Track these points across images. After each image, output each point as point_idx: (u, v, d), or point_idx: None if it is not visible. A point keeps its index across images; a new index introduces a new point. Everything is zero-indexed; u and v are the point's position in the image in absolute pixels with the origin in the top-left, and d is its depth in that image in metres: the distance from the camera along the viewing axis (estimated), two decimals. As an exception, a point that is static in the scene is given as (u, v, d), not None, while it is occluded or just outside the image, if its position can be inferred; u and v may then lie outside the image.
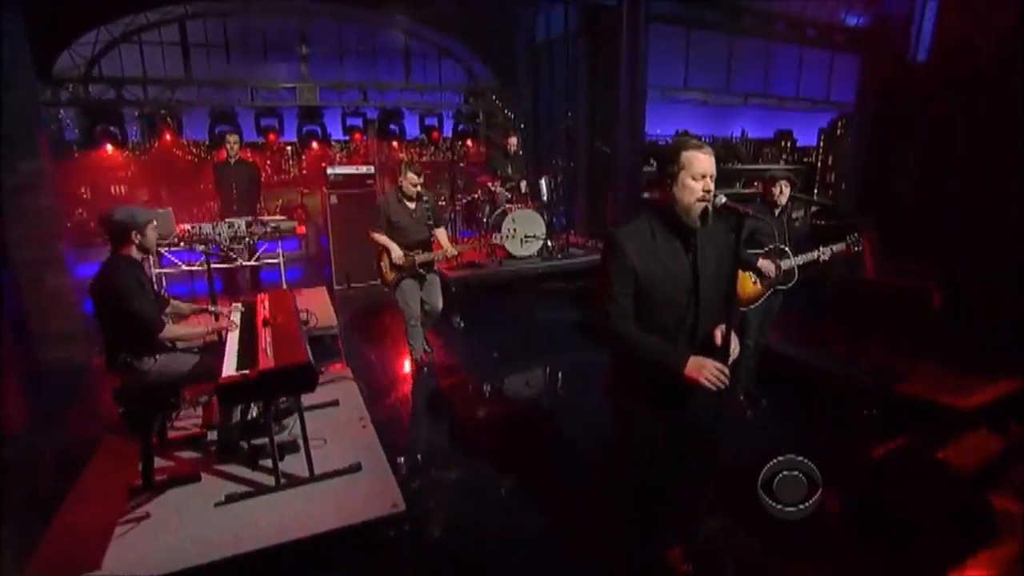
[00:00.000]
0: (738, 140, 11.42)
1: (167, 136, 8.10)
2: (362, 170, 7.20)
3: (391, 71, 9.50)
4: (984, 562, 2.30)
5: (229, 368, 2.72)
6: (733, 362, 1.93)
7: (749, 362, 3.87)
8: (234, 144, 6.27)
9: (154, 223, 3.04)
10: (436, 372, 4.81)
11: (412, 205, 4.41)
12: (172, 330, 3.02)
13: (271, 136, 8.55)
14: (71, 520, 2.66)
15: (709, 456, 2.29)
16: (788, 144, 11.98)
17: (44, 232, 4.65)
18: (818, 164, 11.77)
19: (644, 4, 7.30)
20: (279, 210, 8.59)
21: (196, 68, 8.29)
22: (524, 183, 6.85)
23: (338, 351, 4.89)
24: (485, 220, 6.69)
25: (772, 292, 3.68)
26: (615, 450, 2.25)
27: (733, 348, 1.93)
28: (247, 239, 5.55)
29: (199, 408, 3.61)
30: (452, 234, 6.87)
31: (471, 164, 9.16)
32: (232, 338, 3.12)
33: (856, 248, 3.59)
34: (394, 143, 9.44)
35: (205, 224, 5.44)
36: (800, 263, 3.60)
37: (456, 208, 7.32)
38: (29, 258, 4.59)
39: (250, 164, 6.65)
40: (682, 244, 1.92)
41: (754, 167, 11.01)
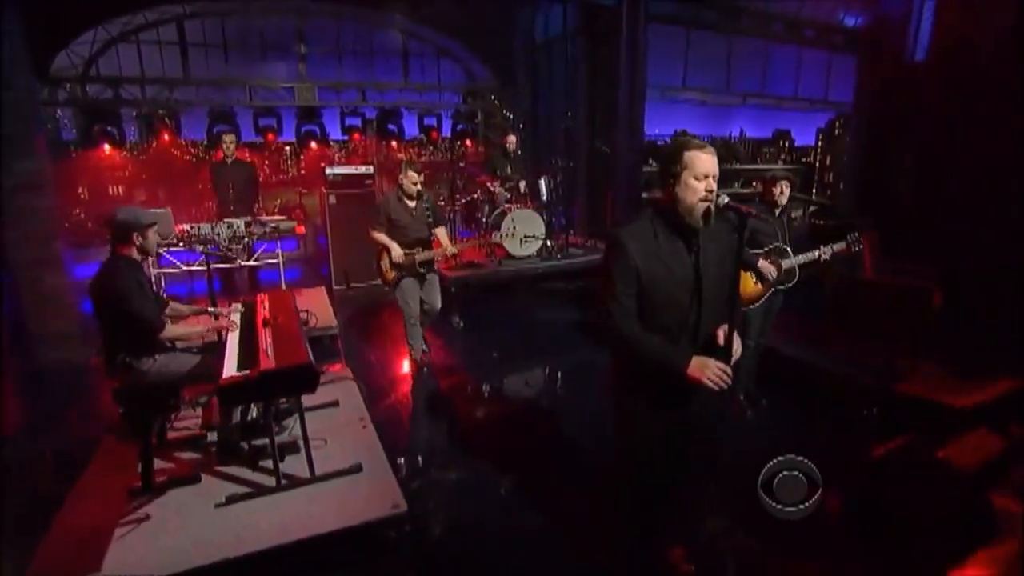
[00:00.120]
0: (736, 140, 11.43)
1: (165, 136, 8.06)
2: (361, 170, 7.18)
3: (390, 71, 9.48)
4: (984, 561, 2.30)
5: (230, 369, 2.71)
6: (735, 362, 1.93)
7: (749, 362, 3.87)
8: (230, 144, 6.23)
9: (156, 226, 3.04)
10: (436, 372, 4.81)
11: (412, 204, 4.41)
12: (172, 330, 3.02)
13: (269, 136, 8.52)
14: (71, 522, 2.65)
15: (710, 456, 2.30)
16: (786, 144, 11.98)
17: (42, 232, 4.64)
18: (816, 164, 11.78)
19: (643, 4, 7.29)
20: (277, 210, 8.54)
21: (194, 68, 8.27)
22: (523, 183, 6.83)
23: (337, 351, 4.88)
24: (484, 220, 6.69)
25: (773, 292, 3.69)
26: (615, 450, 2.26)
27: (736, 348, 1.94)
28: (246, 239, 5.54)
29: (198, 409, 3.60)
30: (451, 234, 6.86)
31: (470, 164, 9.14)
32: (232, 339, 3.11)
33: (856, 247, 3.60)
34: (393, 143, 9.42)
35: (204, 224, 5.41)
36: (801, 262, 3.60)
37: (455, 208, 7.30)
38: (27, 258, 4.58)
39: (247, 164, 6.60)
40: (684, 244, 1.91)
41: (752, 167, 11.04)
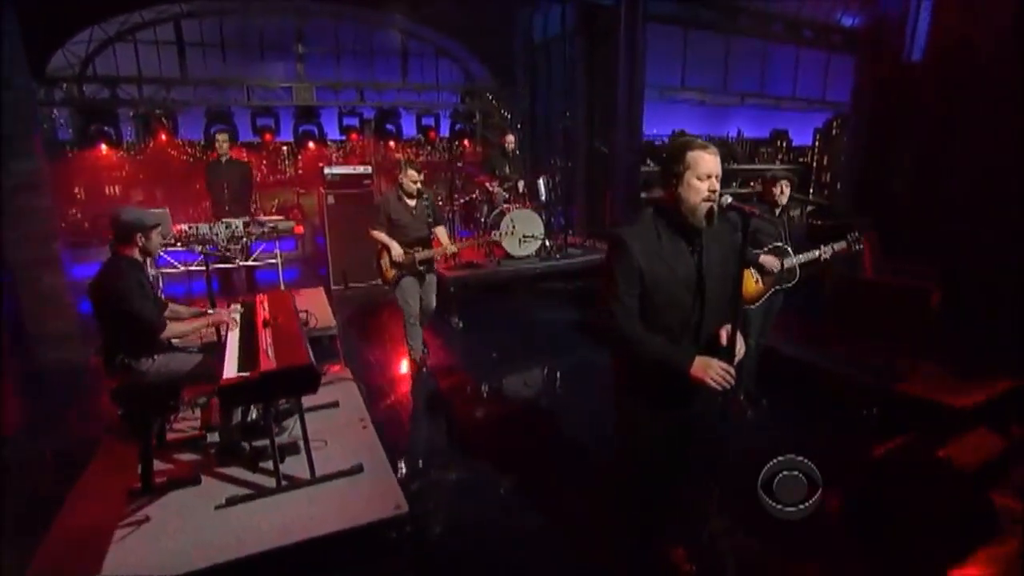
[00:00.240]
0: (734, 140, 11.45)
1: (162, 136, 8.03)
2: (359, 170, 7.16)
3: (388, 71, 9.47)
4: (984, 561, 2.30)
5: (230, 370, 2.70)
6: (737, 362, 1.93)
7: (750, 362, 3.87)
8: (223, 143, 6.14)
9: (160, 228, 3.03)
10: (435, 372, 4.80)
11: (412, 203, 4.40)
12: (172, 328, 3.00)
13: (267, 136, 8.50)
14: (71, 523, 2.64)
15: (711, 456, 2.29)
16: (784, 144, 12.01)
17: (41, 232, 4.63)
18: (813, 164, 11.80)
19: (642, 3, 7.30)
20: (275, 210, 8.53)
21: (192, 67, 8.25)
22: (522, 183, 6.83)
23: (337, 352, 4.87)
24: (483, 220, 6.69)
25: (773, 291, 3.69)
26: (616, 450, 2.26)
27: (739, 348, 1.93)
28: (244, 239, 5.52)
29: (198, 410, 3.59)
30: (450, 234, 6.85)
31: (468, 164, 9.13)
32: (232, 339, 3.10)
33: (857, 247, 3.61)
34: (391, 143, 9.42)
35: (202, 224, 5.38)
36: (802, 262, 3.61)
37: (454, 208, 7.29)
38: (26, 258, 4.57)
39: (242, 163, 6.50)
40: (687, 244, 1.91)
41: (750, 167, 11.06)
